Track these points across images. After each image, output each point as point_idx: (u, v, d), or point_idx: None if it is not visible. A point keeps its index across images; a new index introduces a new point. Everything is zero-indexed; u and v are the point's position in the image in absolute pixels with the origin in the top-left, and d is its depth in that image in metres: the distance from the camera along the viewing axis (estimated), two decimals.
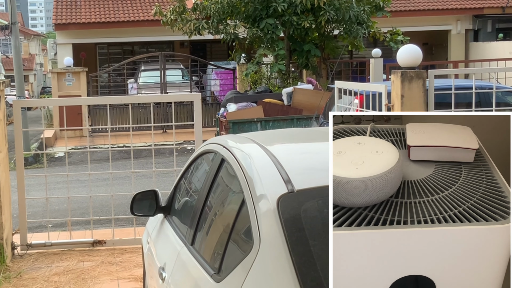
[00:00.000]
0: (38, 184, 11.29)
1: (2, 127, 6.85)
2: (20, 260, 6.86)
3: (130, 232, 7.54)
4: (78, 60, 23.02)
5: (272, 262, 2.34)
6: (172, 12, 17.24)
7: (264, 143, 3.10)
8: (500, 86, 10.33)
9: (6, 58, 47.12)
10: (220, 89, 21.67)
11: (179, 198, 4.11)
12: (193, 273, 3.06)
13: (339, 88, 7.75)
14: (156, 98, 15.30)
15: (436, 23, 25.46)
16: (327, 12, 15.82)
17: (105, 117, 18.96)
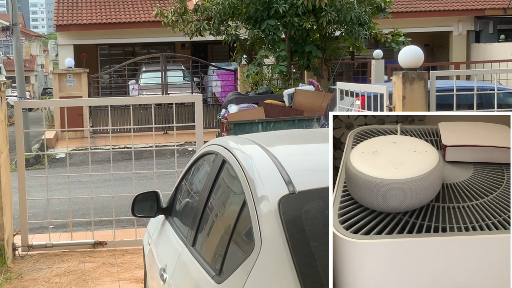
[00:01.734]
0: (39, 185, 11.29)
1: (3, 128, 6.84)
2: (21, 261, 6.85)
3: (131, 233, 7.54)
4: (79, 61, 23.03)
5: (273, 264, 2.33)
6: (173, 13, 17.25)
7: (265, 144, 3.10)
8: (501, 88, 10.32)
9: (7, 59, 47.15)
10: (221, 90, 21.67)
11: (180, 199, 4.10)
12: (194, 274, 3.06)
13: (340, 89, 7.75)
14: (157, 99, 15.29)
15: (437, 24, 25.45)
16: (329, 13, 15.81)
17: (106, 118, 18.97)
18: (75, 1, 25.21)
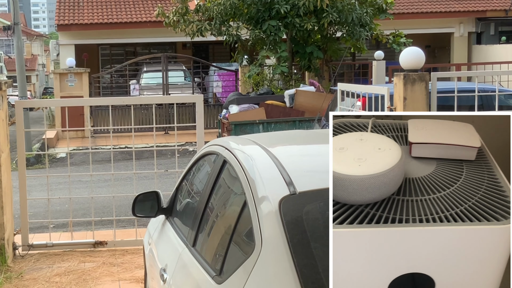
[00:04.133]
0: (40, 184, 11.29)
1: (4, 128, 6.85)
2: (22, 261, 6.86)
3: (132, 233, 7.54)
4: (81, 61, 23.03)
5: (274, 264, 2.33)
6: (174, 13, 17.25)
7: (266, 145, 3.10)
8: (502, 89, 10.32)
9: (9, 59, 47.15)
10: (222, 90, 21.68)
11: (181, 200, 4.11)
12: (194, 274, 3.06)
13: (341, 90, 7.75)
14: (158, 99, 15.30)
15: (439, 25, 25.45)
16: (330, 14, 15.81)
17: (107, 118, 18.98)
18: (77, 1, 25.21)
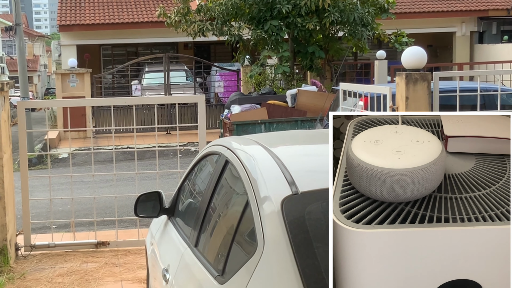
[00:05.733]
0: (42, 185, 11.29)
1: (6, 128, 6.85)
2: (24, 261, 6.86)
3: (134, 234, 7.54)
4: (82, 62, 23.05)
5: (276, 264, 2.32)
6: (176, 13, 17.26)
7: (268, 145, 3.09)
8: (505, 89, 10.30)
9: (11, 59, 47.20)
10: (224, 90, 21.68)
11: (183, 200, 4.10)
12: (196, 274, 3.05)
13: (343, 90, 7.74)
14: (160, 99, 15.29)
15: (440, 25, 25.43)
16: (332, 14, 15.80)
17: (109, 118, 18.96)
18: (78, 2, 25.23)
